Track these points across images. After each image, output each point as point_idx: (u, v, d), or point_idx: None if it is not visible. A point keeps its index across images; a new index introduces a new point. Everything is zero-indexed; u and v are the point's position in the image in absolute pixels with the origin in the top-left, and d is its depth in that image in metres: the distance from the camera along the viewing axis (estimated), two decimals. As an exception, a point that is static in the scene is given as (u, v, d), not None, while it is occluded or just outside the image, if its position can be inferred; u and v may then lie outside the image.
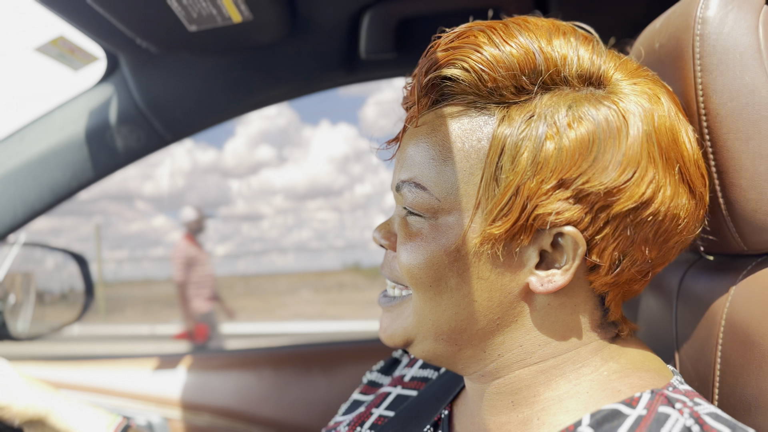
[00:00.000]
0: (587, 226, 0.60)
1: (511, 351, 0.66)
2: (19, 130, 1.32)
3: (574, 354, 0.65)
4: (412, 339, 0.70)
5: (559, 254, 0.62)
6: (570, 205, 0.59)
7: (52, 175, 1.30)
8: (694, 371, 0.75)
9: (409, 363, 0.97)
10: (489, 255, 0.63)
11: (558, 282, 0.62)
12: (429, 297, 0.66)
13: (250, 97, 1.36)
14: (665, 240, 0.63)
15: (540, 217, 0.60)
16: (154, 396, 1.62)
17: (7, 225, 1.31)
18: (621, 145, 0.59)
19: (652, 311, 0.93)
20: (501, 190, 0.60)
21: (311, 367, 1.65)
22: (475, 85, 0.62)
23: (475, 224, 0.63)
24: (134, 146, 1.32)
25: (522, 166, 0.59)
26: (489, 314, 0.65)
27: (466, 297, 0.65)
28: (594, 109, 0.60)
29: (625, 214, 0.60)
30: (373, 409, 0.86)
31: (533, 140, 0.59)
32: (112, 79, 1.32)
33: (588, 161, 0.58)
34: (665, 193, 0.60)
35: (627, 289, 0.66)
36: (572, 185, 0.59)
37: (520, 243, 0.62)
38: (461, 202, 0.63)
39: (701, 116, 0.68)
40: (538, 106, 0.60)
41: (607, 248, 0.61)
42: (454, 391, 0.81)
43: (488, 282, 0.64)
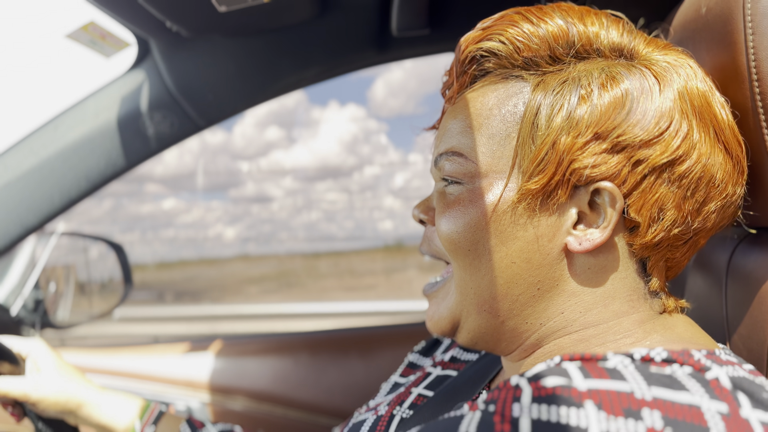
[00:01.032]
0: (624, 180, 0.61)
1: (552, 319, 0.66)
2: (53, 119, 1.33)
3: (616, 324, 0.64)
4: (458, 319, 0.70)
5: (596, 215, 0.63)
6: (606, 159, 0.60)
7: (87, 163, 1.31)
8: (746, 350, 0.73)
9: (451, 345, 0.97)
10: (527, 214, 0.63)
11: (596, 239, 0.62)
12: (468, 263, 0.67)
13: (281, 79, 1.35)
14: (704, 202, 0.63)
15: (576, 171, 0.61)
16: (193, 381, 1.64)
17: (45, 214, 1.32)
18: (654, 99, 0.60)
19: (700, 290, 0.90)
20: (537, 147, 0.62)
21: (348, 351, 1.65)
22: (511, 56, 0.65)
23: (512, 183, 0.64)
24: (167, 132, 1.32)
25: (557, 124, 0.61)
26: (529, 277, 0.65)
27: (504, 259, 0.65)
28: (626, 70, 0.62)
29: (661, 168, 0.60)
30: (413, 388, 0.86)
31: (568, 100, 0.61)
32: (144, 65, 1.32)
33: (622, 115, 0.60)
34: (700, 149, 0.61)
35: (669, 257, 0.66)
36: (608, 138, 0.60)
37: (557, 200, 0.62)
38: (498, 164, 0.65)
39: (753, 81, 0.65)
40: (573, 72, 0.63)
41: (645, 204, 0.61)
42: (493, 372, 0.81)
43: (526, 242, 0.64)
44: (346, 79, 1.34)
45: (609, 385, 0.48)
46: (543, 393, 0.47)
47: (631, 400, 0.46)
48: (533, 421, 0.46)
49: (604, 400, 0.46)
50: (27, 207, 1.30)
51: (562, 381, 0.48)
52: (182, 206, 26.60)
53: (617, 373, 0.49)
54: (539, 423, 0.46)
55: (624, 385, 0.48)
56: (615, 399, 0.46)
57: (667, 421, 0.45)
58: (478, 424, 0.48)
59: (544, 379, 0.49)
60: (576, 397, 0.47)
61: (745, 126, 0.68)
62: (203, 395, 1.63)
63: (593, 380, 0.48)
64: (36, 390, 0.97)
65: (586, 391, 0.47)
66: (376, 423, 0.81)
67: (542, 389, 0.48)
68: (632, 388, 0.47)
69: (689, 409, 0.46)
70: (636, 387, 0.48)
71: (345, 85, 46.43)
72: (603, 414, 0.45)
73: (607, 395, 0.47)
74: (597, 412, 0.45)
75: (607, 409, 0.46)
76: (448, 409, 0.76)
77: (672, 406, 0.46)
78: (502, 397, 0.49)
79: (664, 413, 0.46)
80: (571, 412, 0.46)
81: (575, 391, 0.47)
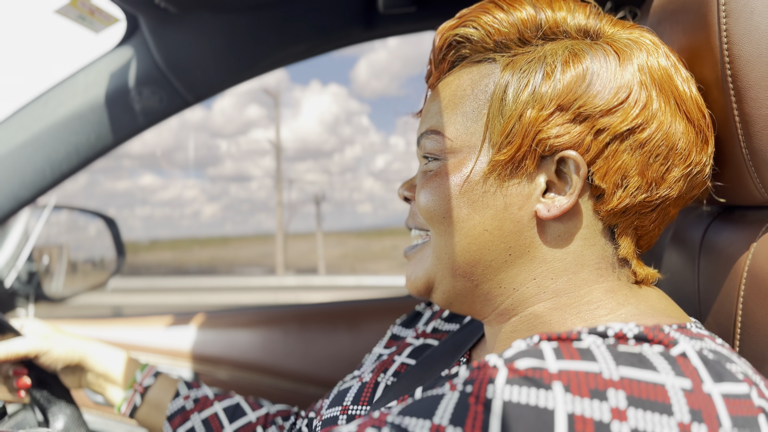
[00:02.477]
0: (588, 148, 0.64)
1: (525, 284, 0.69)
2: (43, 94, 1.34)
3: (587, 292, 0.67)
4: (433, 280, 0.74)
5: (564, 183, 0.66)
6: (569, 128, 0.64)
7: (78, 138, 1.32)
8: (716, 324, 0.75)
9: (432, 317, 1.00)
10: (497, 183, 0.67)
11: (563, 204, 0.65)
12: (443, 230, 0.70)
13: (269, 55, 1.35)
14: (668, 169, 0.66)
15: (542, 141, 0.64)
16: (184, 352, 1.67)
17: (37, 187, 1.33)
18: (614, 72, 0.64)
19: (674, 265, 0.93)
20: (505, 120, 0.66)
21: (336, 324, 1.68)
22: (483, 40, 0.69)
23: (483, 156, 0.67)
24: (156, 107, 1.33)
25: (523, 99, 0.65)
26: (501, 244, 0.68)
27: (477, 226, 0.68)
28: (589, 48, 0.66)
29: (623, 135, 0.64)
30: (396, 357, 0.90)
31: (533, 77, 0.65)
32: (133, 41, 1.32)
33: (582, 87, 0.64)
34: (660, 118, 0.64)
35: (638, 224, 0.69)
36: (570, 109, 0.63)
37: (525, 170, 0.66)
38: (471, 139, 0.69)
39: (725, 63, 0.66)
40: (539, 52, 0.67)
41: (609, 171, 0.64)
42: (472, 340, 0.84)
43: (497, 210, 0.67)
44: (329, 58, 1.35)
45: (579, 366, 0.50)
46: (516, 374, 0.50)
47: (598, 380, 0.49)
48: (505, 402, 0.48)
49: (573, 382, 0.49)
50: (19, 180, 1.31)
51: (535, 363, 0.51)
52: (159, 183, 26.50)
53: (589, 354, 0.52)
54: (510, 405, 0.48)
55: (593, 365, 0.50)
56: (583, 380, 0.49)
57: (631, 401, 0.48)
58: (455, 405, 0.50)
59: (519, 361, 0.51)
60: (546, 379, 0.49)
61: (716, 105, 0.69)
62: (194, 365, 1.66)
63: (565, 361, 0.50)
64: (44, 342, 1.02)
65: (557, 373, 0.49)
66: (362, 389, 0.84)
67: (516, 371, 0.50)
68: (600, 369, 0.50)
69: (654, 387, 0.49)
70: (605, 367, 0.50)
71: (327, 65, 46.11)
72: (569, 396, 0.48)
73: (576, 376, 0.49)
74: (564, 394, 0.48)
75: (574, 390, 0.48)
76: (429, 376, 0.79)
77: (638, 385, 0.49)
78: (479, 377, 0.51)
79: (629, 392, 0.48)
80: (540, 393, 0.48)
81: (546, 373, 0.49)
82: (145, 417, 1.08)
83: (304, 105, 34.58)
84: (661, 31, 0.82)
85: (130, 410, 1.08)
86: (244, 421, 1.08)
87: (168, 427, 1.06)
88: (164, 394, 1.09)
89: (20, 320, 1.05)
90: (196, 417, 1.07)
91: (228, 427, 1.06)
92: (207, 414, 1.07)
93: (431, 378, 0.77)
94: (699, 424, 0.47)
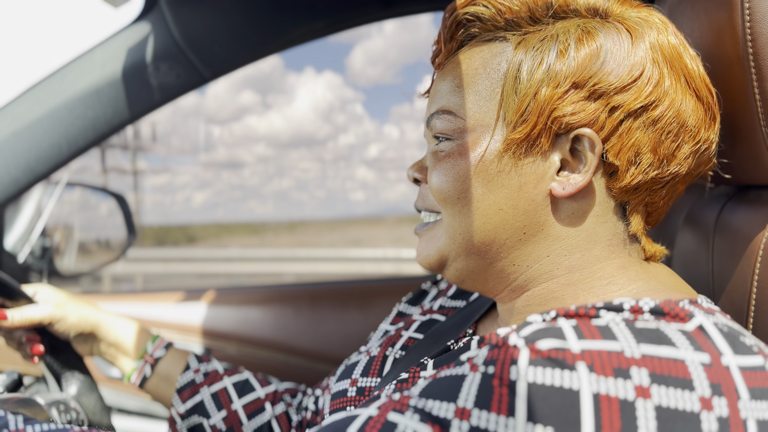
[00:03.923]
0: (602, 126, 0.64)
1: (539, 261, 0.69)
2: (60, 69, 1.34)
3: (599, 268, 0.68)
4: (446, 258, 0.74)
5: (578, 161, 0.66)
6: (584, 106, 0.64)
7: (95, 112, 1.32)
8: (729, 303, 0.76)
9: (438, 295, 1.01)
10: (512, 162, 0.67)
11: (578, 182, 0.66)
12: (458, 210, 0.70)
13: (287, 32, 1.35)
14: (678, 146, 0.66)
15: (557, 119, 0.64)
16: (197, 327, 1.68)
17: (53, 161, 1.34)
18: (627, 50, 0.64)
19: (688, 245, 0.93)
20: (519, 99, 0.65)
21: (347, 303, 1.69)
22: (494, 18, 0.69)
23: (498, 135, 0.67)
24: (174, 83, 1.33)
25: (538, 77, 0.65)
26: (515, 222, 0.68)
27: (492, 206, 0.68)
28: (601, 26, 0.66)
29: (636, 113, 0.64)
30: (403, 332, 0.90)
31: (547, 55, 0.65)
32: (151, 16, 1.32)
33: (597, 65, 0.64)
34: (672, 96, 0.65)
35: (649, 201, 0.70)
36: (584, 86, 0.64)
37: (540, 148, 0.66)
38: (485, 118, 0.68)
39: (747, 41, 0.66)
40: (551, 30, 0.67)
41: (623, 149, 0.65)
42: (480, 312, 0.85)
43: (512, 190, 0.68)
44: (324, 44, 1.35)
45: (601, 345, 0.51)
46: (539, 356, 0.50)
47: (621, 359, 0.49)
48: (530, 384, 0.49)
49: (596, 361, 0.49)
50: (35, 155, 1.32)
51: (557, 343, 0.51)
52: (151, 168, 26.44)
53: (609, 332, 0.52)
54: (535, 386, 0.48)
55: (615, 344, 0.51)
56: (606, 359, 0.49)
57: (654, 378, 0.48)
58: (479, 387, 0.50)
59: (540, 341, 0.51)
60: (570, 359, 0.49)
61: (736, 84, 0.70)
62: (206, 341, 1.67)
63: (586, 341, 0.51)
64: (58, 309, 1.03)
65: (579, 353, 0.50)
66: (370, 363, 0.85)
67: (538, 352, 0.51)
68: (622, 347, 0.50)
69: (674, 363, 0.50)
70: (626, 345, 0.51)
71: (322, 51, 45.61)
72: (594, 376, 0.48)
73: (599, 356, 0.50)
74: (588, 374, 0.48)
75: (598, 370, 0.49)
76: (437, 348, 0.80)
77: (659, 362, 0.49)
78: (501, 358, 0.51)
79: (651, 370, 0.49)
80: (565, 374, 0.49)
81: (569, 353, 0.50)
82: (154, 388, 1.09)
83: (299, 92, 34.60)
84: (682, 10, 0.81)
85: (140, 381, 1.09)
86: (253, 397, 1.09)
87: (177, 399, 1.07)
88: (174, 367, 1.10)
89: (34, 287, 1.06)
90: (205, 390, 1.08)
91: (236, 402, 1.07)
92: (216, 388, 1.08)
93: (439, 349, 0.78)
94: (719, 397, 0.48)
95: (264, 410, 1.08)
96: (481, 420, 0.49)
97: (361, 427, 0.53)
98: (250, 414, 1.07)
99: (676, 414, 0.47)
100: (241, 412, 1.06)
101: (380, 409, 0.54)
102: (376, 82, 69.89)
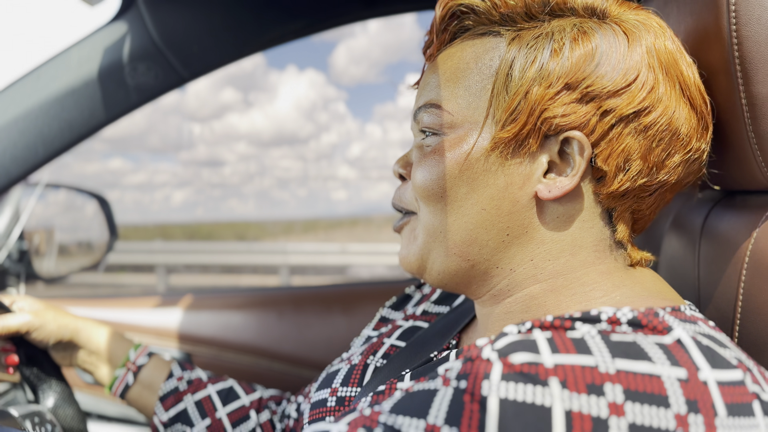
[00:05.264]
0: (592, 129, 0.63)
1: (522, 265, 0.68)
2: (35, 69, 1.31)
3: (584, 274, 0.66)
4: (426, 259, 0.72)
5: (565, 164, 0.65)
6: (576, 108, 0.62)
7: (71, 114, 1.30)
8: (716, 310, 0.75)
9: (421, 300, 0.99)
10: (498, 162, 0.65)
11: (565, 186, 0.64)
12: (440, 209, 0.69)
13: (267, 32, 1.33)
14: (669, 154, 0.65)
15: (547, 120, 0.63)
16: (177, 332, 1.66)
17: (29, 164, 1.32)
18: (623, 53, 0.63)
19: (674, 251, 0.92)
20: (510, 97, 0.64)
21: (331, 307, 1.67)
22: (489, 12, 0.67)
23: (486, 133, 0.66)
24: (152, 83, 1.31)
25: (530, 76, 0.63)
26: (498, 223, 0.67)
27: (475, 205, 0.67)
28: (598, 26, 0.65)
29: (628, 118, 0.63)
30: (385, 339, 0.89)
31: (541, 53, 0.63)
32: (129, 16, 1.30)
33: (591, 67, 0.62)
34: (665, 102, 0.63)
35: (636, 208, 0.68)
36: (577, 88, 0.62)
37: (528, 149, 0.64)
38: (473, 114, 0.67)
39: (733, 45, 0.65)
40: (546, 28, 0.65)
41: (612, 154, 0.63)
42: (464, 321, 0.83)
43: (497, 190, 0.66)
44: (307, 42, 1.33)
45: (575, 360, 0.49)
46: (512, 370, 0.49)
47: (594, 374, 0.48)
48: (501, 400, 0.47)
49: (569, 377, 0.48)
50: (10, 157, 1.30)
51: (530, 357, 0.50)
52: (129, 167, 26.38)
53: (584, 345, 0.51)
54: (506, 402, 0.47)
55: (589, 359, 0.49)
56: (579, 375, 0.48)
57: (628, 395, 0.47)
58: (450, 403, 0.49)
59: (513, 355, 0.50)
60: (542, 374, 0.48)
61: (722, 88, 0.69)
62: (187, 346, 1.65)
63: (560, 355, 0.50)
64: (35, 317, 1.01)
65: (552, 368, 0.48)
66: (351, 372, 0.84)
67: (511, 366, 0.49)
68: (597, 362, 0.49)
69: (650, 379, 0.48)
70: (600, 360, 0.49)
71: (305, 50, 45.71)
72: (566, 392, 0.47)
73: (572, 371, 0.48)
74: (561, 391, 0.47)
75: (570, 386, 0.47)
76: (419, 358, 0.78)
77: (634, 378, 0.48)
78: (473, 372, 0.50)
79: (626, 386, 0.47)
80: (537, 390, 0.47)
81: (542, 368, 0.49)
82: (136, 397, 1.07)
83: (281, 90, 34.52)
84: (668, 12, 0.81)
85: (122, 389, 1.07)
86: (237, 405, 1.07)
87: (160, 407, 1.05)
88: (157, 375, 1.08)
89: (11, 297, 1.03)
90: (189, 398, 1.06)
91: (221, 410, 1.05)
92: (200, 396, 1.06)
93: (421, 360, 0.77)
94: (696, 414, 0.47)
95: (249, 418, 1.06)
96: None
97: None
98: (235, 422, 1.05)
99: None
100: (226, 421, 1.05)
101: (350, 425, 0.52)
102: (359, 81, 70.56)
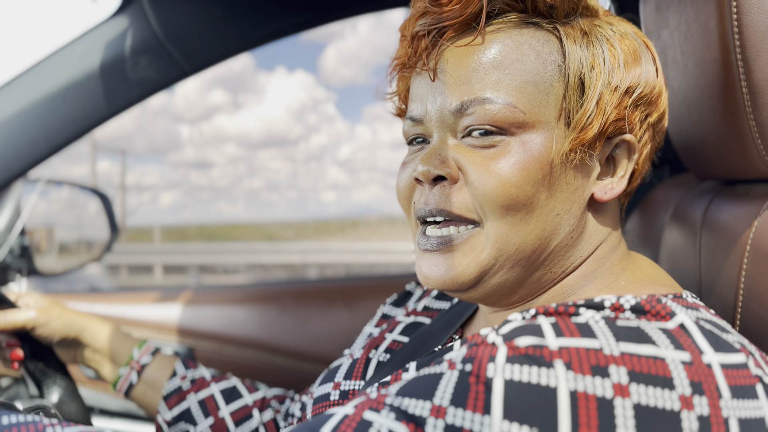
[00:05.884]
0: (638, 133, 0.67)
1: (573, 264, 0.69)
2: (38, 63, 1.31)
3: (611, 264, 0.70)
4: (485, 274, 0.66)
5: (608, 166, 0.68)
6: (631, 112, 0.65)
7: (73, 108, 1.30)
8: (717, 299, 0.75)
9: (422, 296, 0.99)
10: (574, 164, 0.65)
11: (618, 189, 0.67)
12: (519, 218, 0.64)
13: (269, 25, 1.33)
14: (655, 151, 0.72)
15: (613, 123, 0.64)
16: (180, 327, 1.66)
17: (31, 158, 1.31)
18: (650, 60, 0.67)
19: (675, 241, 0.93)
20: (587, 99, 0.63)
21: (333, 301, 1.67)
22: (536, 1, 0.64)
23: (559, 135, 0.64)
24: (154, 77, 1.31)
25: (600, 78, 0.63)
26: (568, 226, 0.66)
27: (552, 210, 0.65)
28: (621, 26, 0.67)
29: (656, 121, 0.68)
30: (387, 334, 0.89)
31: (600, 53, 0.64)
32: (131, 10, 1.30)
33: (638, 72, 0.65)
34: (666, 110, 0.70)
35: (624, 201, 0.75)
36: (633, 93, 0.65)
37: (594, 151, 0.65)
38: (545, 113, 0.64)
39: (734, 34, 0.66)
40: (584, 26, 0.65)
41: (643, 155, 0.68)
42: (465, 316, 0.83)
43: (569, 193, 0.66)
44: (296, 43, 1.33)
45: (579, 342, 0.50)
46: (516, 353, 0.49)
47: (599, 356, 0.48)
48: (506, 381, 0.48)
49: (574, 359, 0.48)
50: (12, 151, 1.30)
51: (535, 340, 0.50)
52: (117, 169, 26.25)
53: (588, 329, 0.51)
54: (511, 384, 0.47)
55: (593, 342, 0.50)
56: (584, 357, 0.48)
57: (633, 376, 0.48)
58: (456, 385, 0.49)
59: (518, 339, 0.50)
60: (547, 357, 0.49)
61: (722, 78, 0.69)
62: (189, 341, 1.65)
63: (564, 338, 0.50)
64: (41, 314, 1.01)
65: (557, 350, 0.49)
66: (353, 366, 0.84)
67: (516, 349, 0.50)
68: (601, 345, 0.49)
69: (654, 361, 0.49)
70: (605, 343, 0.50)
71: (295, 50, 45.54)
72: (571, 373, 0.47)
73: (577, 353, 0.49)
74: (566, 372, 0.47)
75: (575, 367, 0.48)
76: (422, 353, 0.78)
77: (639, 360, 0.49)
78: (479, 355, 0.50)
79: (630, 368, 0.48)
80: (542, 372, 0.48)
81: (547, 351, 0.49)
82: (140, 395, 1.07)
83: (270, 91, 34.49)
84: (669, 2, 0.81)
85: (126, 387, 1.07)
86: (241, 404, 1.07)
87: (164, 406, 1.05)
88: (161, 373, 1.08)
89: (17, 293, 1.04)
90: (192, 397, 1.06)
91: (224, 409, 1.05)
92: (204, 395, 1.06)
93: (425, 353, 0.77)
94: (700, 396, 0.48)
95: (252, 417, 1.06)
96: (456, 418, 0.48)
97: (336, 426, 0.52)
98: (238, 421, 1.05)
99: (656, 412, 0.47)
100: (229, 420, 1.05)
101: (356, 407, 0.53)
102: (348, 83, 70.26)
